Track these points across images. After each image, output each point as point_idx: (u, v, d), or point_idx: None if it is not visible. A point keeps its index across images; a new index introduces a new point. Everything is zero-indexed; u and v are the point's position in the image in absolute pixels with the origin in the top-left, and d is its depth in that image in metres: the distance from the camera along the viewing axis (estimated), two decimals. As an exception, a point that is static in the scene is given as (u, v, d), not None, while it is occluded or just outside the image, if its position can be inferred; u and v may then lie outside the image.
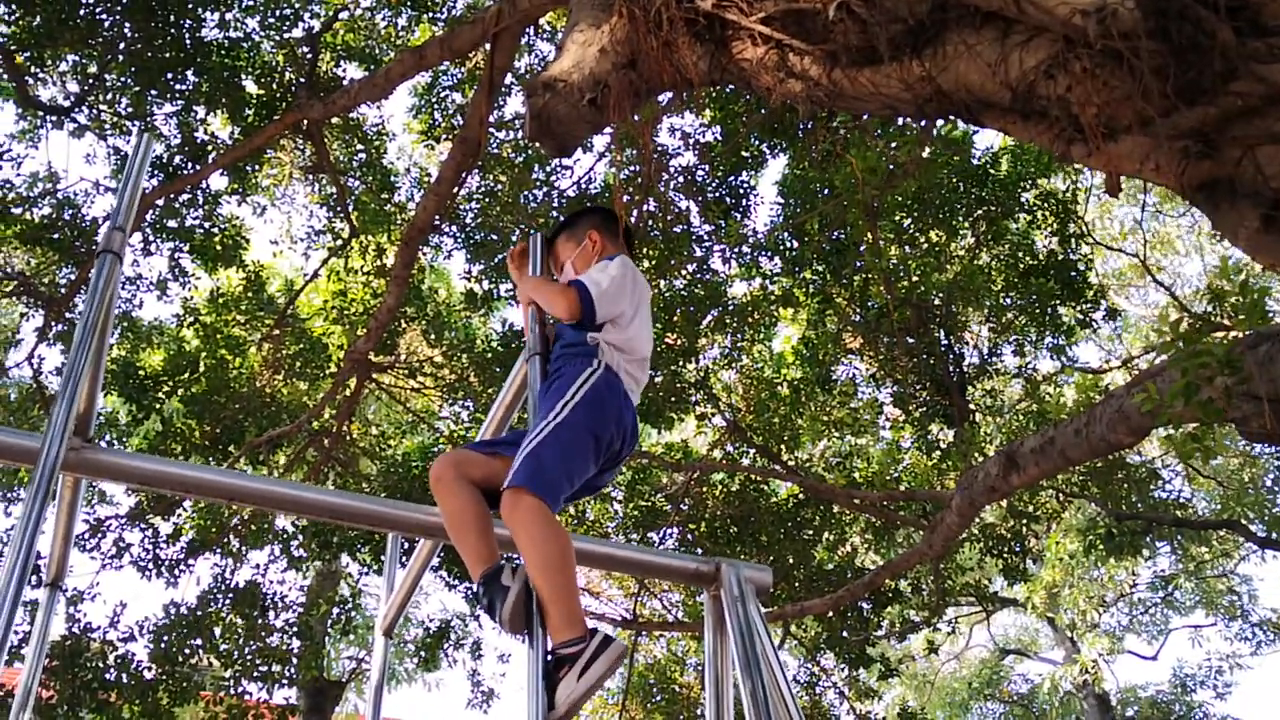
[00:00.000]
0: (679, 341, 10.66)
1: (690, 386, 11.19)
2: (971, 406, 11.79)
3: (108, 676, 10.30)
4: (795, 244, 11.24)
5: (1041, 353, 12.58)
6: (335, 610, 12.69)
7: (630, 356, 3.31)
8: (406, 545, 4.12)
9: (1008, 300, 11.84)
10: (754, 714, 2.87)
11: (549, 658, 2.70)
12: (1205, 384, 3.83)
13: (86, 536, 10.80)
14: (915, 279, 11.28)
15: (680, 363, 10.90)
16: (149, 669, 10.56)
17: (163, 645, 10.55)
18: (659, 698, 15.86)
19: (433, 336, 12.13)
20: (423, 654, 14.36)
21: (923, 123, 8.96)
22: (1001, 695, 24.21)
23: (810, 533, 12.36)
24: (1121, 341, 20.71)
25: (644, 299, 3.46)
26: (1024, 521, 12.98)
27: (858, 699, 14.89)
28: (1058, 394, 13.72)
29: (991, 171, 11.39)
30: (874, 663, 13.31)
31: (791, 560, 11.91)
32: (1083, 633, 21.82)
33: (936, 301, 11.43)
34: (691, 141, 10.90)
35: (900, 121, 9.28)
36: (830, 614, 12.31)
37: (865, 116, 9.09)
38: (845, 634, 12.98)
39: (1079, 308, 11.66)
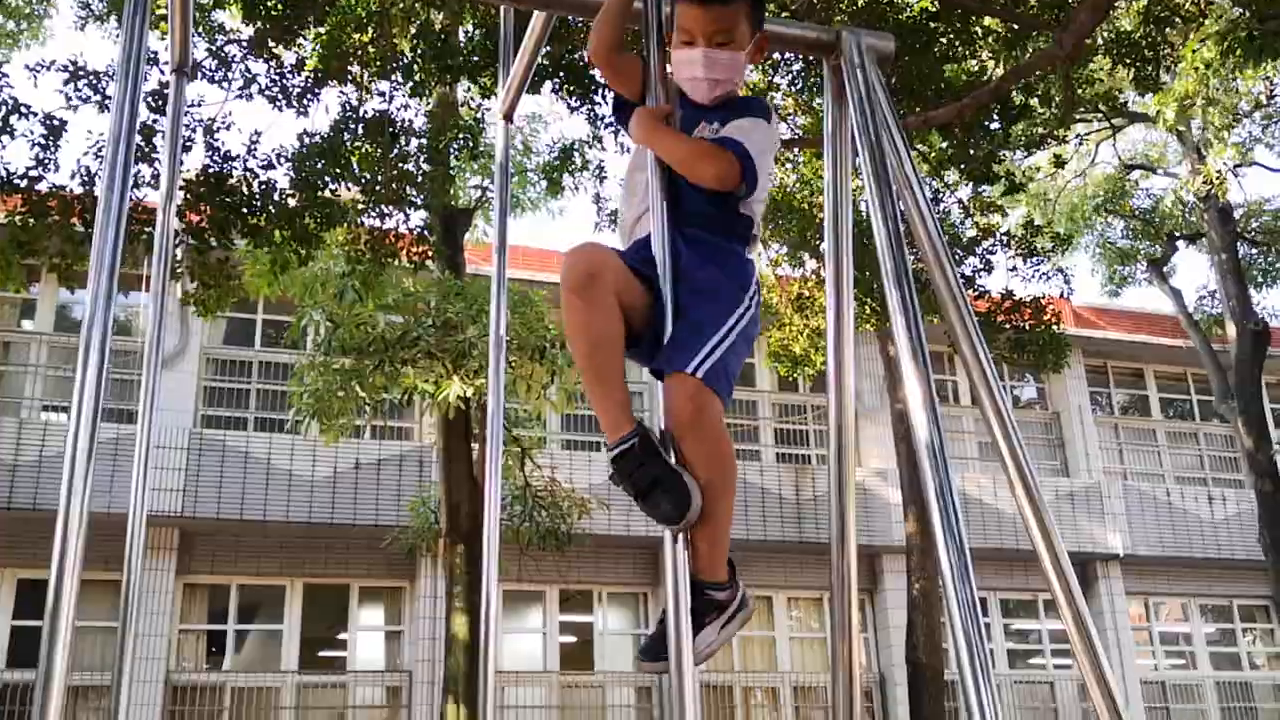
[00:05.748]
0: None
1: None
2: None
3: (254, 204, 10.78)
4: None
5: None
6: (460, 138, 12.86)
7: None
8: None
9: None
10: (872, 185, 2.82)
11: (695, 588, 2.34)
12: None
13: (214, 68, 10.96)
14: None
15: None
16: (292, 196, 10.99)
17: (304, 173, 10.91)
18: (779, 221, 16.15)
19: None
20: (548, 179, 14.67)
21: None
22: (1123, 209, 24.01)
23: (939, 48, 11.93)
24: None
25: None
26: (1160, 27, 12.39)
27: (980, 213, 15.02)
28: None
29: None
30: (999, 179, 13.28)
31: (918, 77, 11.57)
32: (1219, 150, 21.18)
33: None
34: None
35: None
36: (956, 129, 12.16)
37: None
38: (971, 150, 12.87)
39: None
